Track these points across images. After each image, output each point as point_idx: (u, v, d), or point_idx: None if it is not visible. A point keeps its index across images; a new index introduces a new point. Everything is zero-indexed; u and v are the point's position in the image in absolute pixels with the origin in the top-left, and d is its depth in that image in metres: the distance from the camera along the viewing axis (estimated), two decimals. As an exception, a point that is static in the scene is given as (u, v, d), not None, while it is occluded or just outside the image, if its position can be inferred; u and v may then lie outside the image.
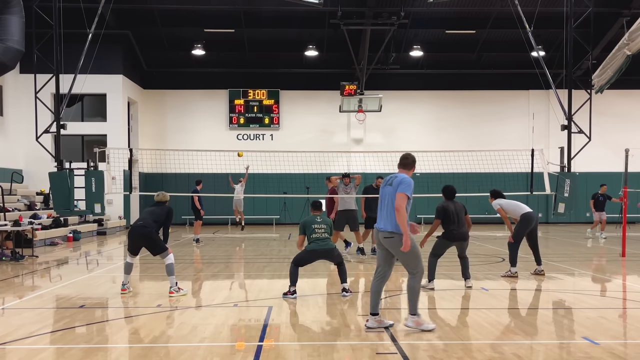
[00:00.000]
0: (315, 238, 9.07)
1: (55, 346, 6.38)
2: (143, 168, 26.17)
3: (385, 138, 27.86)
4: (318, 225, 9.12)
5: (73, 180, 15.93)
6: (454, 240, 9.81)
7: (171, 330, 7.03)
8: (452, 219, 9.68)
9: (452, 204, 9.81)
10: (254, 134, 28.14)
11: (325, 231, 9.12)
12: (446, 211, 9.69)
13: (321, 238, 9.08)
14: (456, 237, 9.76)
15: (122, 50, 25.04)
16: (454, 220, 9.69)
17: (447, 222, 9.72)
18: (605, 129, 25.36)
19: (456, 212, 9.73)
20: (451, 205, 9.78)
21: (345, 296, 9.10)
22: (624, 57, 13.41)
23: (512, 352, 6.01)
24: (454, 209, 9.74)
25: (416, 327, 6.88)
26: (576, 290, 10.20)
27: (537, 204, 27.67)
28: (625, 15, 22.42)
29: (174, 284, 9.41)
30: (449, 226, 9.73)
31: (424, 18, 24.55)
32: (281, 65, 27.76)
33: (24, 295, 9.69)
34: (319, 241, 9.06)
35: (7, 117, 23.52)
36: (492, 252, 14.95)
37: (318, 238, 9.06)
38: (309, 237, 9.13)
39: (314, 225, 9.12)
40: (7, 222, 14.79)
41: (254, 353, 6.01)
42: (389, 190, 6.81)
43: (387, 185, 6.89)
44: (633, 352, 6.06)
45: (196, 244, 17.75)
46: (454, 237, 9.75)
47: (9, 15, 16.01)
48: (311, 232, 9.10)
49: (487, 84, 28.21)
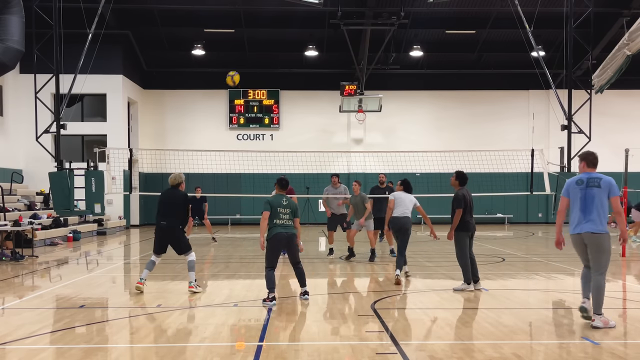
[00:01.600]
0: (280, 224, 8.55)
1: (55, 346, 6.38)
2: (143, 168, 26.14)
3: (385, 138, 27.86)
4: (283, 210, 8.59)
5: (73, 180, 15.94)
6: (470, 231, 9.28)
7: (171, 330, 7.03)
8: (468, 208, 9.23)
9: (467, 192, 9.31)
10: (254, 134, 28.14)
11: (290, 218, 8.63)
12: (465, 199, 9.16)
13: (285, 225, 8.58)
14: (471, 228, 9.29)
15: (122, 50, 25.04)
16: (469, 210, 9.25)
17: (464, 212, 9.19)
18: (605, 129, 25.34)
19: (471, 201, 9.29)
20: (467, 193, 9.28)
21: (305, 299, 8.75)
22: (624, 57, 13.42)
23: (512, 352, 6.01)
24: (470, 198, 9.28)
25: (604, 326, 6.82)
26: (576, 290, 10.17)
27: (537, 204, 27.73)
28: (625, 15, 22.42)
29: (194, 280, 9.60)
30: (465, 217, 9.19)
31: (424, 18, 24.55)
32: (281, 65, 27.76)
33: (24, 295, 9.69)
34: (282, 227, 8.55)
35: (7, 117, 23.52)
36: (492, 252, 14.96)
37: (282, 225, 8.56)
38: (272, 222, 8.56)
39: (280, 209, 8.57)
40: (7, 222, 14.79)
41: (254, 353, 6.01)
42: (597, 192, 6.89)
43: (593, 187, 6.92)
44: (633, 352, 6.06)
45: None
46: (469, 227, 9.28)
47: (9, 15, 16.01)
48: (275, 216, 8.56)
49: (487, 84, 28.21)
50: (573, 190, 7.07)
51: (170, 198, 9.47)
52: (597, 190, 6.89)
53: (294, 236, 8.66)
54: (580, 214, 6.98)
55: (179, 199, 9.44)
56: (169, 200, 9.47)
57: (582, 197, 6.96)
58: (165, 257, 14.73)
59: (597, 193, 6.88)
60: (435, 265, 12.94)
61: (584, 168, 7.15)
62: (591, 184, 6.93)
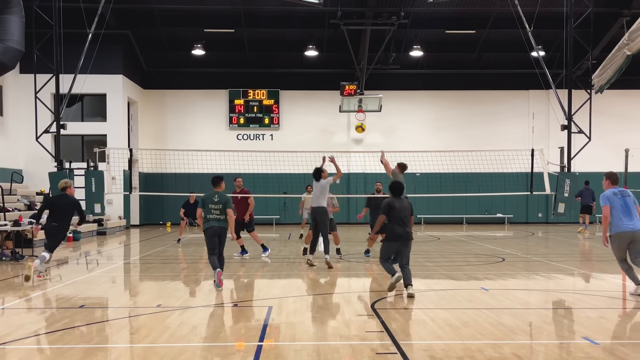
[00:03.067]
0: (212, 218, 9.74)
1: (55, 346, 6.38)
2: (143, 168, 26.17)
3: (385, 138, 27.85)
4: (214, 205, 9.77)
5: (73, 180, 15.93)
6: (396, 241, 9.10)
7: (171, 330, 7.03)
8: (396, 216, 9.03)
9: (400, 201, 9.16)
10: (254, 134, 28.14)
11: (221, 212, 9.77)
12: (392, 208, 9.06)
13: (217, 218, 9.76)
14: (398, 239, 9.08)
15: (122, 50, 25.04)
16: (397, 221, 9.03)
17: (391, 221, 9.09)
18: (605, 129, 25.35)
19: (401, 210, 9.08)
20: (398, 202, 9.13)
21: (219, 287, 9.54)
22: (624, 57, 13.42)
23: (512, 352, 6.01)
24: (400, 207, 9.08)
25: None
26: (576, 290, 10.20)
27: (537, 204, 27.74)
28: (625, 15, 22.42)
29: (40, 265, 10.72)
30: (393, 226, 9.06)
31: (424, 18, 24.55)
32: (281, 65, 27.76)
33: (24, 295, 9.68)
34: (215, 221, 9.75)
35: (7, 117, 23.52)
36: (492, 252, 14.96)
37: (215, 218, 9.75)
38: (206, 217, 9.77)
39: (211, 205, 9.77)
40: (7, 222, 14.79)
41: (254, 353, 6.01)
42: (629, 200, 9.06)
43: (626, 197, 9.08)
44: (633, 352, 6.06)
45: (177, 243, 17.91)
46: (396, 237, 9.07)
47: (9, 15, 16.03)
48: (208, 211, 9.76)
49: (487, 84, 28.21)
50: (612, 200, 8.99)
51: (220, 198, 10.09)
52: (629, 199, 9.05)
53: (225, 229, 9.84)
54: (624, 217, 8.91)
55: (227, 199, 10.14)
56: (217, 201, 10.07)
57: (622, 204, 8.95)
58: (165, 258, 14.77)
59: (630, 201, 9.04)
60: (435, 265, 12.94)
61: (609, 185, 9.24)
62: (625, 194, 9.07)
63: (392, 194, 9.27)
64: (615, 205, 8.91)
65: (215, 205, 9.78)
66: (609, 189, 9.14)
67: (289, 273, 11.92)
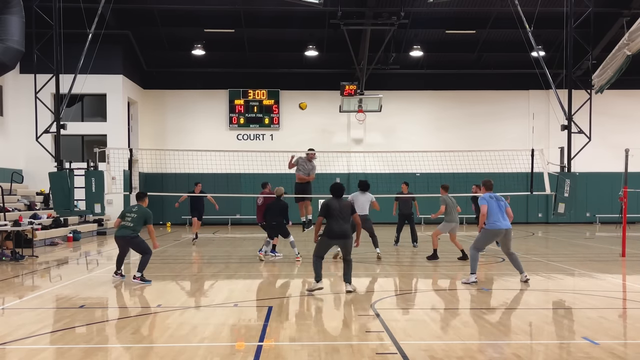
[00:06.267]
0: (124, 226, 10.56)
1: (55, 346, 6.38)
2: (143, 168, 26.16)
3: (385, 138, 27.85)
4: (129, 215, 10.60)
5: (73, 180, 15.91)
6: (332, 238, 9.45)
7: (171, 330, 7.03)
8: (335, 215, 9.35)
9: (338, 202, 9.47)
10: (254, 134, 28.14)
11: (132, 221, 10.51)
12: (329, 208, 9.39)
13: (126, 226, 10.51)
14: (334, 236, 9.39)
15: (122, 50, 25.04)
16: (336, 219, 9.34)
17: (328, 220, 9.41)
18: (605, 129, 25.35)
19: (340, 210, 9.40)
20: (337, 203, 9.44)
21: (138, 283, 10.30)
22: (624, 57, 13.40)
23: (512, 352, 6.01)
24: (339, 208, 9.40)
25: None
26: (576, 290, 10.20)
27: (537, 204, 27.74)
28: (625, 15, 22.41)
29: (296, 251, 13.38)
30: (331, 224, 9.37)
31: (424, 18, 24.54)
32: (281, 65, 27.76)
33: (24, 295, 9.69)
34: (123, 228, 10.54)
35: (7, 117, 23.52)
36: (492, 252, 14.95)
37: (124, 225, 10.55)
38: (120, 224, 10.64)
39: (126, 214, 10.65)
40: (7, 222, 14.79)
41: (254, 353, 6.01)
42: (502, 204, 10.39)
43: (499, 201, 10.40)
44: (633, 352, 6.06)
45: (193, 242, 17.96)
46: (331, 235, 9.38)
47: (9, 15, 16.02)
48: (123, 219, 10.64)
49: (487, 84, 28.21)
50: (489, 201, 10.29)
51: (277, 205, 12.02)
52: (502, 203, 10.39)
53: (129, 237, 10.52)
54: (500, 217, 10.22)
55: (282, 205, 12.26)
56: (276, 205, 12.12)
57: (497, 206, 10.31)
58: (165, 258, 14.76)
59: (502, 205, 10.39)
60: (435, 265, 12.95)
61: (484, 191, 10.71)
62: (498, 199, 10.41)
63: (332, 194, 9.65)
64: (492, 206, 10.28)
65: (130, 215, 10.55)
66: (486, 193, 10.56)
67: (289, 273, 11.93)
